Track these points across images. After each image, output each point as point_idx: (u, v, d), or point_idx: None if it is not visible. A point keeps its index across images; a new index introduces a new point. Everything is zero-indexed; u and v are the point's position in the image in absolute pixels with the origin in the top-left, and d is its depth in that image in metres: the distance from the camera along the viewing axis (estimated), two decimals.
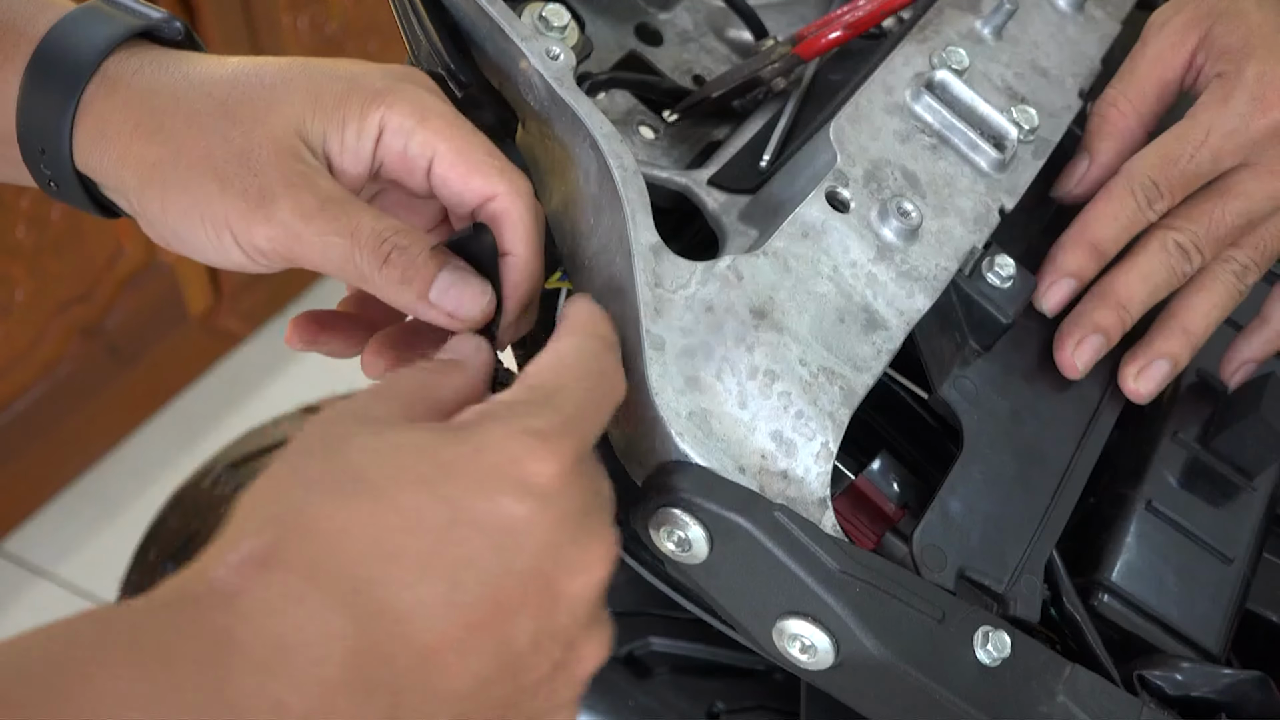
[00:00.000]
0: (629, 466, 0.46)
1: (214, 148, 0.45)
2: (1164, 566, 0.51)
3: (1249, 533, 0.54)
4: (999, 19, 0.58)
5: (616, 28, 0.60)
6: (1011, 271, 0.52)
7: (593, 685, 0.41)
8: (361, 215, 0.45)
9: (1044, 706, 0.44)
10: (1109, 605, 0.50)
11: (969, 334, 0.52)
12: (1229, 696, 0.48)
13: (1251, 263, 0.55)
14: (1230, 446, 0.54)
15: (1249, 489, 0.55)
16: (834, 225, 0.49)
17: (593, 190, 0.48)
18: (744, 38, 0.63)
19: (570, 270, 0.50)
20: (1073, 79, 0.59)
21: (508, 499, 0.37)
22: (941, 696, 0.42)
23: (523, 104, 0.50)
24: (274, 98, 0.46)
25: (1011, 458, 0.50)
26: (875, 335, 0.48)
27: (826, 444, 0.45)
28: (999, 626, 0.44)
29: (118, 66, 0.47)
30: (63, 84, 0.47)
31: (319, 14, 1.74)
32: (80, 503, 1.67)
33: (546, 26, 0.50)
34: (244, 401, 1.77)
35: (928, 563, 0.46)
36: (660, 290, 0.45)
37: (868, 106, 0.53)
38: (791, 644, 0.43)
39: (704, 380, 0.44)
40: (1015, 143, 0.54)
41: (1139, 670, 0.48)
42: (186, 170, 0.46)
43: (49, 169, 0.48)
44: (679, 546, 0.44)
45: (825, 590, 0.42)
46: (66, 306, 1.55)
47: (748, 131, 0.57)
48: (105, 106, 0.47)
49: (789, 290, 0.47)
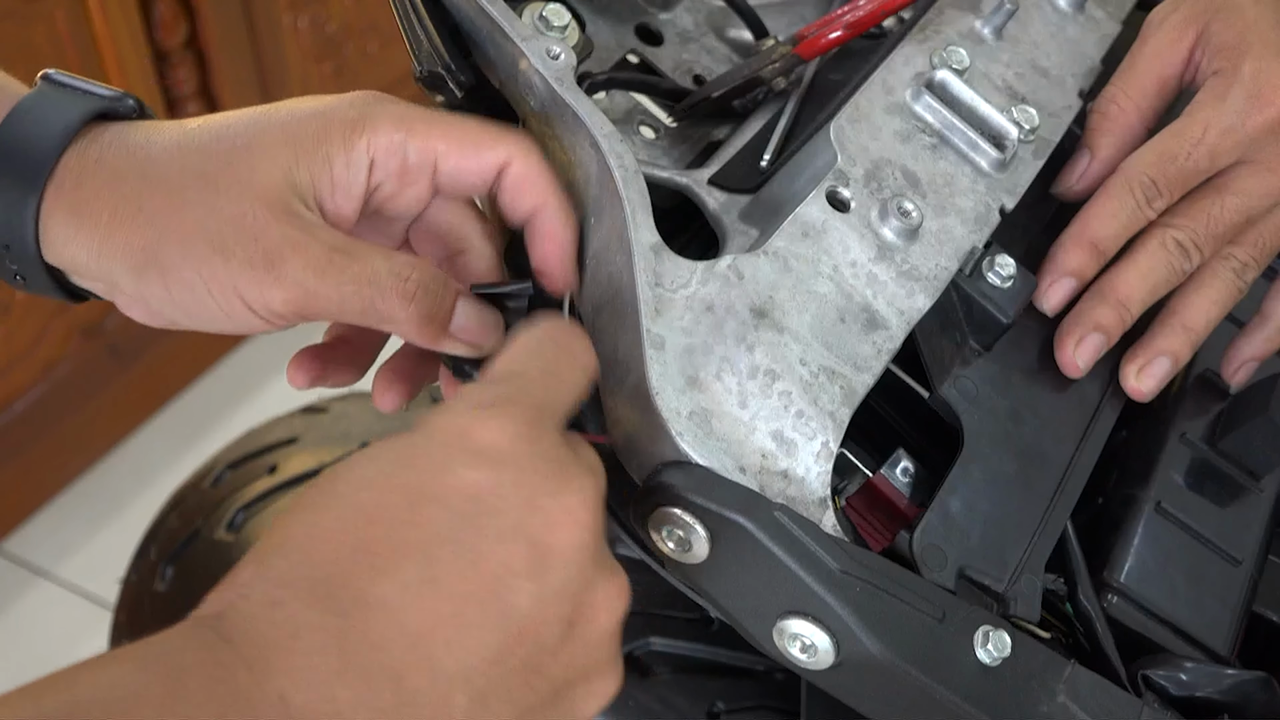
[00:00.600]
0: (629, 466, 0.46)
1: (205, 220, 0.44)
2: (1172, 568, 0.51)
3: (1256, 534, 0.54)
4: (999, 19, 0.58)
5: (617, 28, 0.60)
6: (1012, 271, 0.52)
7: None
8: (373, 258, 0.45)
9: (1044, 706, 0.44)
10: (1118, 606, 0.50)
11: (969, 334, 0.52)
12: (1232, 697, 0.48)
13: (1251, 259, 0.55)
14: (1238, 448, 0.54)
15: (1256, 490, 0.55)
16: (834, 225, 0.49)
17: (593, 190, 0.48)
18: (744, 38, 0.63)
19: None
20: (1073, 79, 0.59)
21: (462, 469, 0.37)
22: (942, 696, 0.42)
23: (523, 104, 0.50)
24: (253, 156, 0.45)
25: (1012, 457, 0.50)
26: (875, 335, 0.48)
27: (827, 443, 0.45)
28: (999, 626, 0.44)
29: (80, 155, 0.45)
30: (22, 180, 0.45)
31: (319, 14, 1.74)
32: (80, 503, 1.67)
33: (547, 26, 0.50)
34: (244, 401, 1.77)
35: (928, 562, 0.46)
36: (660, 290, 0.45)
37: (868, 106, 0.53)
38: (792, 644, 0.43)
39: (704, 380, 0.44)
40: (1015, 142, 0.54)
41: (1143, 670, 0.48)
42: (181, 247, 0.44)
43: (14, 264, 0.46)
44: (679, 546, 0.44)
45: (826, 590, 0.42)
46: (66, 306, 1.55)
47: (748, 131, 0.57)
48: (74, 198, 0.45)
49: (789, 290, 0.47)
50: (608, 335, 0.47)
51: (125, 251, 0.45)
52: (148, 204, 0.44)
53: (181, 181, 0.45)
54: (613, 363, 0.46)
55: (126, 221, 0.45)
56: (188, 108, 1.61)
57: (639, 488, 0.45)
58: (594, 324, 0.48)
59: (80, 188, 0.45)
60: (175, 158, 0.45)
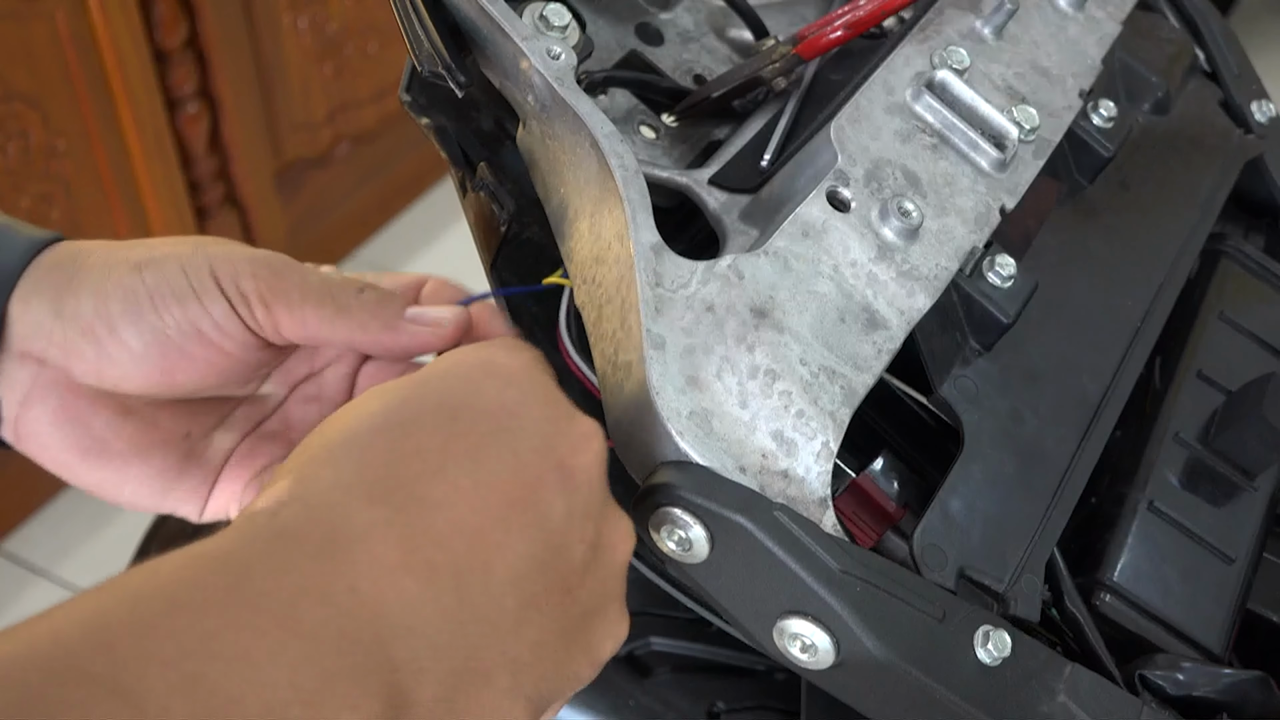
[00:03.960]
0: (629, 466, 0.46)
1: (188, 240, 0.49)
2: (1166, 566, 0.51)
3: (1250, 533, 0.54)
4: (1000, 19, 0.58)
5: (617, 28, 0.60)
6: (1012, 271, 0.52)
7: (593, 685, 0.41)
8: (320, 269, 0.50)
9: (1044, 706, 0.44)
10: (1111, 605, 0.50)
11: (969, 334, 0.52)
12: (1230, 696, 0.48)
13: None
14: (1231, 446, 0.54)
15: (1250, 489, 0.55)
16: (835, 225, 0.49)
17: (593, 190, 0.48)
18: (745, 37, 0.63)
19: (570, 270, 0.50)
20: (1073, 79, 0.59)
21: (492, 384, 0.40)
22: (942, 696, 0.42)
23: (523, 104, 0.50)
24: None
25: (1012, 457, 0.50)
26: (876, 335, 0.48)
27: (827, 443, 0.45)
28: (999, 626, 0.44)
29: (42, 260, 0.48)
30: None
31: (319, 14, 1.74)
32: (80, 503, 1.67)
33: (547, 26, 0.50)
34: None
35: (928, 562, 0.46)
36: (661, 290, 0.45)
37: (868, 106, 0.53)
38: (792, 643, 0.43)
39: (704, 379, 0.44)
40: (1016, 142, 0.54)
41: (1140, 670, 0.48)
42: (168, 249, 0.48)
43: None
44: (679, 546, 0.44)
45: (826, 590, 0.42)
46: None
47: (748, 131, 0.57)
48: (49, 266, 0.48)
49: (790, 290, 0.47)
50: (608, 335, 0.47)
51: (100, 266, 0.48)
52: (131, 242, 0.49)
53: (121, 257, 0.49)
54: (613, 363, 0.46)
55: (109, 248, 0.48)
56: (187, 108, 1.61)
57: (639, 488, 0.45)
58: (594, 324, 0.48)
59: (55, 254, 0.48)
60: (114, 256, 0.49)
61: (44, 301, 0.47)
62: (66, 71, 1.42)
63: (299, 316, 0.48)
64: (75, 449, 0.50)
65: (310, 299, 0.48)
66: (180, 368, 0.48)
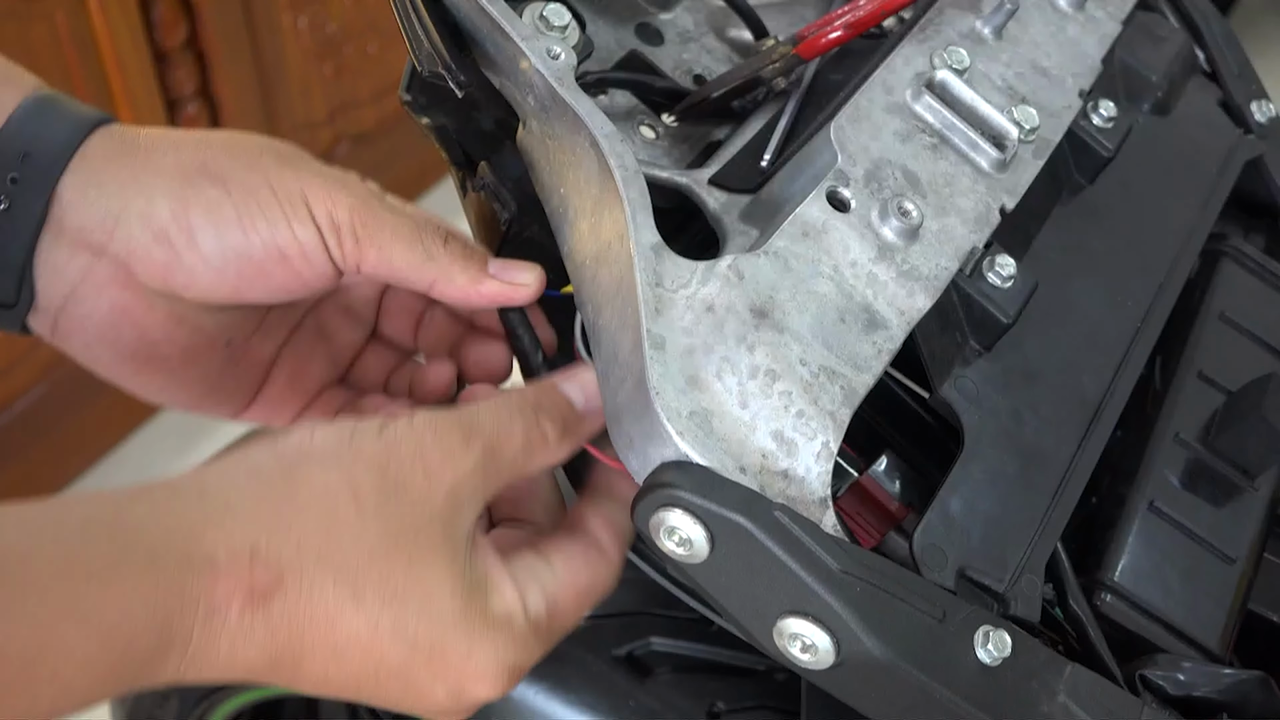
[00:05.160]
0: (629, 466, 0.46)
1: (271, 144, 0.48)
2: (1167, 567, 0.51)
3: (1251, 533, 0.54)
4: (999, 19, 0.58)
5: (617, 28, 0.60)
6: (1012, 271, 0.52)
7: (593, 685, 0.41)
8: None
9: (1044, 706, 0.44)
10: (1112, 605, 0.50)
11: (969, 334, 0.52)
12: (1231, 696, 0.48)
13: None
14: (1232, 447, 0.54)
15: (1250, 489, 0.55)
16: (834, 225, 0.49)
17: (593, 190, 0.48)
18: (744, 38, 0.63)
19: (570, 270, 0.50)
20: (1073, 79, 0.59)
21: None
22: (942, 696, 0.42)
23: (523, 104, 0.50)
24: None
25: (1012, 457, 0.50)
26: (876, 335, 0.48)
27: (827, 443, 0.45)
28: (1000, 626, 0.44)
29: (101, 135, 0.47)
30: (70, 125, 0.46)
31: (319, 14, 1.74)
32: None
33: (547, 26, 0.50)
34: None
35: (928, 562, 0.46)
36: (661, 290, 0.45)
37: (868, 106, 0.53)
38: (792, 643, 0.43)
39: (705, 380, 0.44)
40: (1016, 142, 0.54)
41: (1141, 670, 0.48)
42: (245, 160, 0.46)
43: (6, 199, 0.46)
44: (680, 546, 0.44)
45: (826, 590, 0.42)
46: None
47: (748, 131, 0.57)
48: (104, 150, 0.46)
49: (789, 290, 0.47)
50: (608, 335, 0.47)
51: (173, 170, 0.46)
52: (193, 137, 0.47)
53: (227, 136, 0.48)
54: (613, 363, 0.46)
55: (174, 146, 0.46)
56: (187, 108, 1.61)
57: (639, 488, 0.45)
58: (594, 324, 0.48)
59: (109, 141, 0.46)
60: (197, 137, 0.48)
61: (106, 195, 0.45)
62: (66, 71, 1.42)
63: (386, 256, 0.48)
64: (125, 351, 0.49)
65: (400, 241, 0.48)
66: (255, 284, 0.47)
